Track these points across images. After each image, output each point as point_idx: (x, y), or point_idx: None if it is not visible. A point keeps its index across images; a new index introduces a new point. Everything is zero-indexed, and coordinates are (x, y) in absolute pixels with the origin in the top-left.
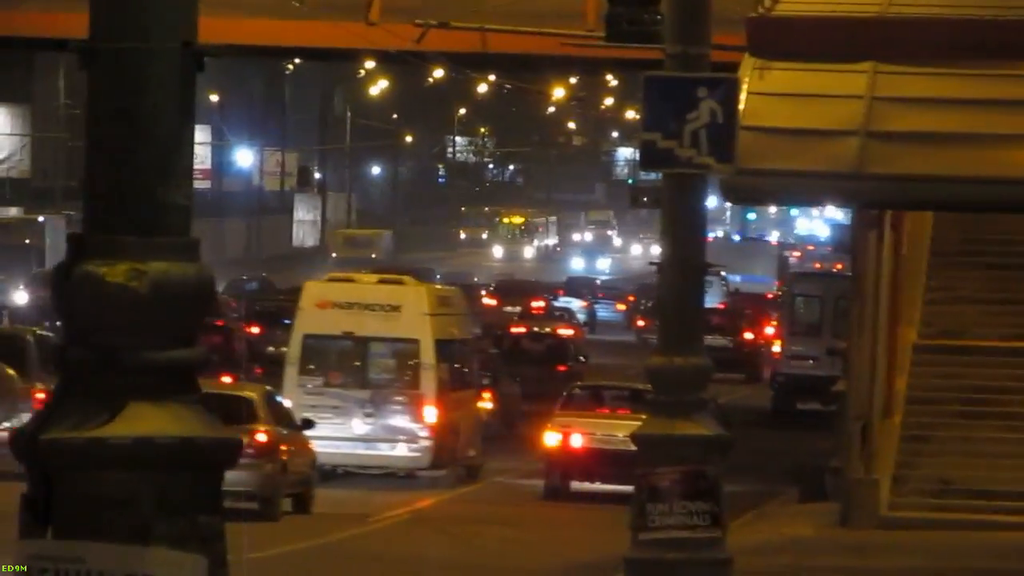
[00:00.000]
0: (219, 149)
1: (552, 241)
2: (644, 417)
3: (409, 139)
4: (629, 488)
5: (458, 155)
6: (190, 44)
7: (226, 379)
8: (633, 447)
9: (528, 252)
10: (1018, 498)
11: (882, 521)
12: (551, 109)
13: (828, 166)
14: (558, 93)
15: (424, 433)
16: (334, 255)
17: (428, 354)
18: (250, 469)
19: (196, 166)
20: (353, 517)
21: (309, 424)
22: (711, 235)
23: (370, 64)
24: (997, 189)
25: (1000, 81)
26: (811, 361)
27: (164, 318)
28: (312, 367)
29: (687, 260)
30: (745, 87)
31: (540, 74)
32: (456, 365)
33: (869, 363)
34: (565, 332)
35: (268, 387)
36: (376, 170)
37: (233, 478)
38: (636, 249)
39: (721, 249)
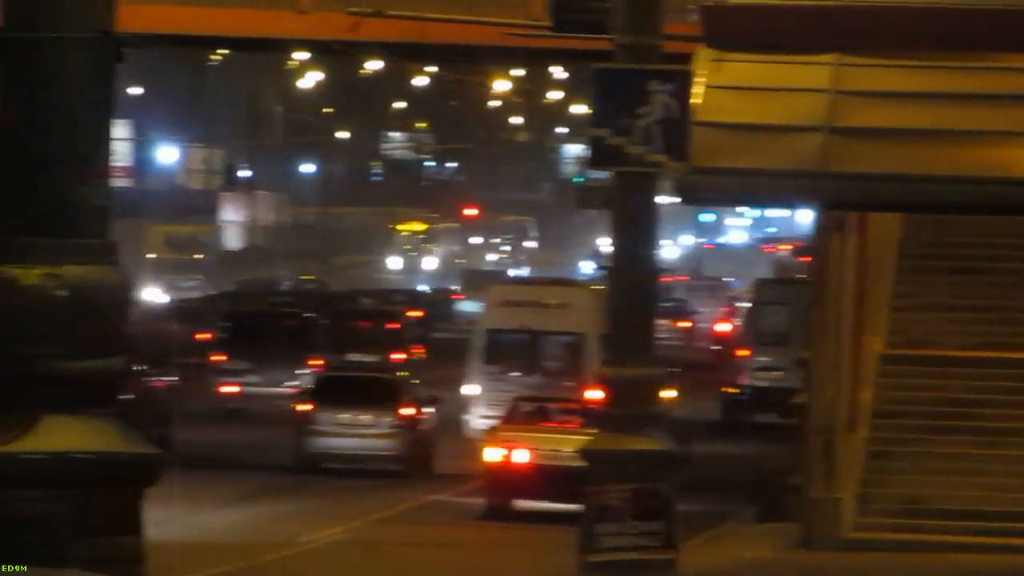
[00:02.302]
0: (140, 145)
1: (456, 249)
2: (593, 431)
3: (343, 135)
4: (577, 507)
5: (395, 152)
6: (109, 33)
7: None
8: (581, 463)
9: (428, 263)
10: (990, 518)
11: (846, 543)
12: (494, 103)
13: (789, 164)
14: (501, 86)
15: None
16: (151, 256)
17: (593, 346)
18: (398, 436)
19: (115, 164)
20: (283, 538)
21: (436, 400)
22: (710, 242)
23: (302, 55)
24: (968, 189)
25: (970, 74)
26: (778, 372)
27: (81, 325)
28: (494, 357)
29: (638, 264)
30: (700, 80)
31: (482, 66)
32: None
33: (832, 374)
34: None
35: (406, 372)
36: (308, 168)
37: (384, 444)
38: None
39: (717, 256)
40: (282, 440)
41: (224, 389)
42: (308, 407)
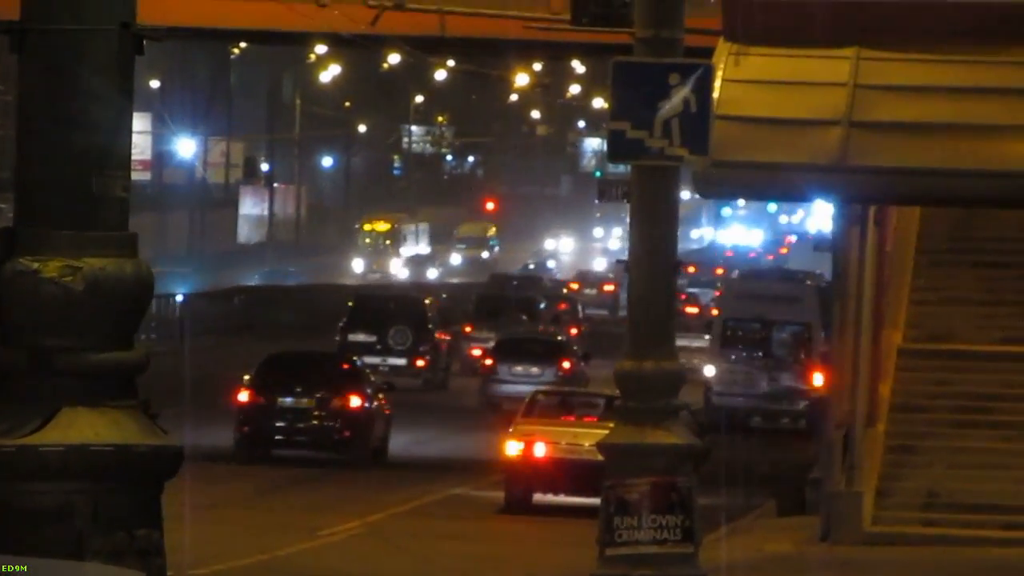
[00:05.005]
0: (160, 138)
1: (424, 251)
2: (612, 425)
3: (363, 128)
4: (596, 501)
5: (415, 145)
6: (128, 25)
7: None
8: (600, 457)
9: (395, 265)
10: (1010, 512)
11: (865, 536)
12: (514, 97)
13: (808, 158)
14: (521, 80)
15: (812, 392)
16: None
17: (819, 335)
18: (561, 384)
19: (135, 156)
20: (301, 530)
21: (586, 356)
22: (791, 237)
23: (322, 48)
24: (988, 183)
25: (992, 68)
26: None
27: (100, 318)
28: (730, 342)
29: (657, 258)
30: (720, 74)
31: (502, 59)
32: None
33: (851, 368)
34: None
35: (564, 337)
36: (328, 161)
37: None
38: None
39: (800, 252)
40: None
41: (472, 352)
42: (490, 362)
